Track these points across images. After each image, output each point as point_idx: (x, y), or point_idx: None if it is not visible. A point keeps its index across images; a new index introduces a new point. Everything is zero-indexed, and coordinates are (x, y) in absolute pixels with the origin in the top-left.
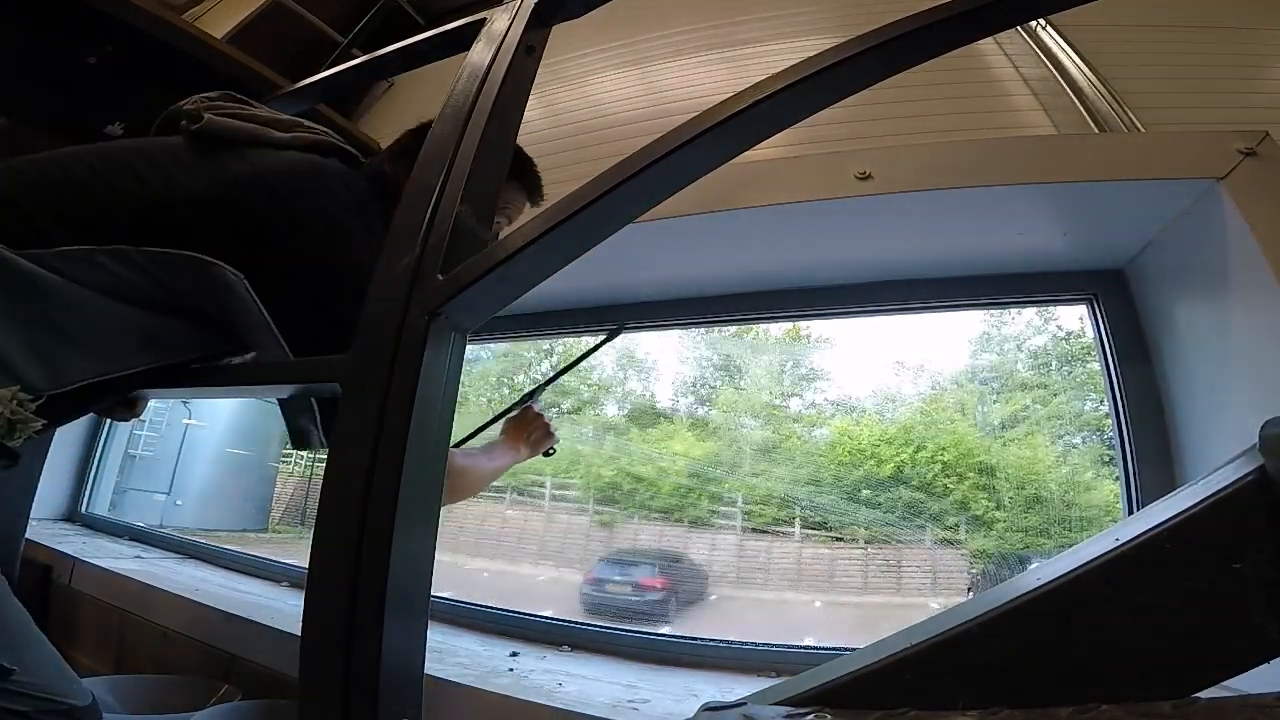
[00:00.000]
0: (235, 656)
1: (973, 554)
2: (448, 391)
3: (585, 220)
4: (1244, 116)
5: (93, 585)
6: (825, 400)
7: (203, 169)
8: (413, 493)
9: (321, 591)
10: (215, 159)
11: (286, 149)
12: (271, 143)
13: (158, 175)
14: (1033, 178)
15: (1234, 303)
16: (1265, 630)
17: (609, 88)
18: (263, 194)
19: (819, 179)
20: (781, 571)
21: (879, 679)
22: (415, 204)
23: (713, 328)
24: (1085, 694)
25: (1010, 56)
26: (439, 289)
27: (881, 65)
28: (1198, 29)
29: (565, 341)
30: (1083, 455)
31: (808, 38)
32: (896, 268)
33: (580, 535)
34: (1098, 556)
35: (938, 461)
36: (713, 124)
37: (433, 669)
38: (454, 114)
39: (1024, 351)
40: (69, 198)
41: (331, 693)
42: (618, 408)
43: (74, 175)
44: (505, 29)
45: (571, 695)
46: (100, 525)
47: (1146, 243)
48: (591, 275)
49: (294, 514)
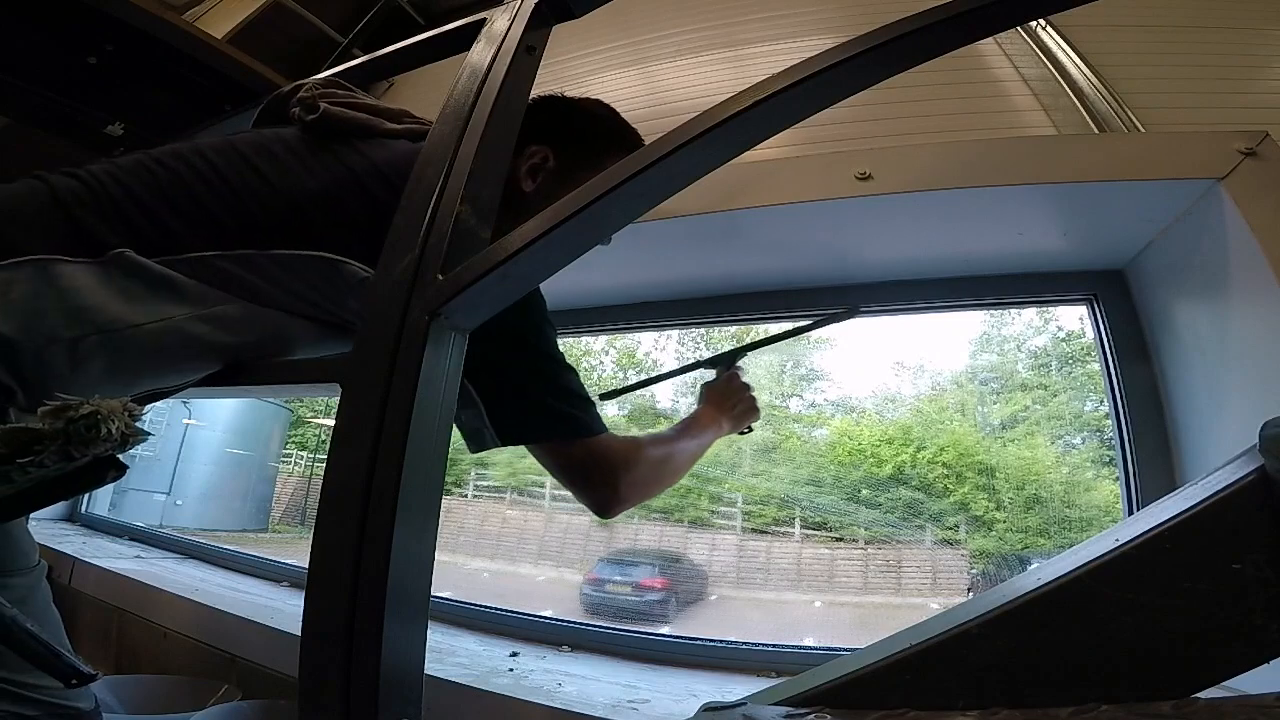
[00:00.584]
0: (235, 656)
1: (973, 554)
2: (448, 391)
3: (585, 220)
4: (1244, 116)
5: (93, 585)
6: (825, 400)
7: (319, 162)
8: (413, 492)
9: (321, 591)
10: (331, 151)
11: (397, 138)
12: (384, 133)
13: (276, 170)
14: (1033, 178)
15: (1234, 303)
16: (1265, 630)
17: (609, 88)
18: (381, 185)
19: (819, 179)
20: (781, 571)
21: (879, 679)
22: (415, 204)
23: (713, 328)
24: (1085, 694)
25: (1010, 56)
26: (439, 289)
27: (881, 65)
28: (1198, 29)
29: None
30: (1083, 455)
31: (808, 38)
32: (896, 268)
33: (580, 535)
34: (1098, 556)
35: (938, 462)
36: (713, 124)
37: (433, 669)
38: (454, 114)
39: (1024, 352)
40: (196, 198)
41: (331, 693)
42: (618, 408)
43: (200, 173)
44: (505, 29)
45: (571, 695)
46: (100, 525)
47: (1146, 243)
48: (592, 275)
49: (294, 514)
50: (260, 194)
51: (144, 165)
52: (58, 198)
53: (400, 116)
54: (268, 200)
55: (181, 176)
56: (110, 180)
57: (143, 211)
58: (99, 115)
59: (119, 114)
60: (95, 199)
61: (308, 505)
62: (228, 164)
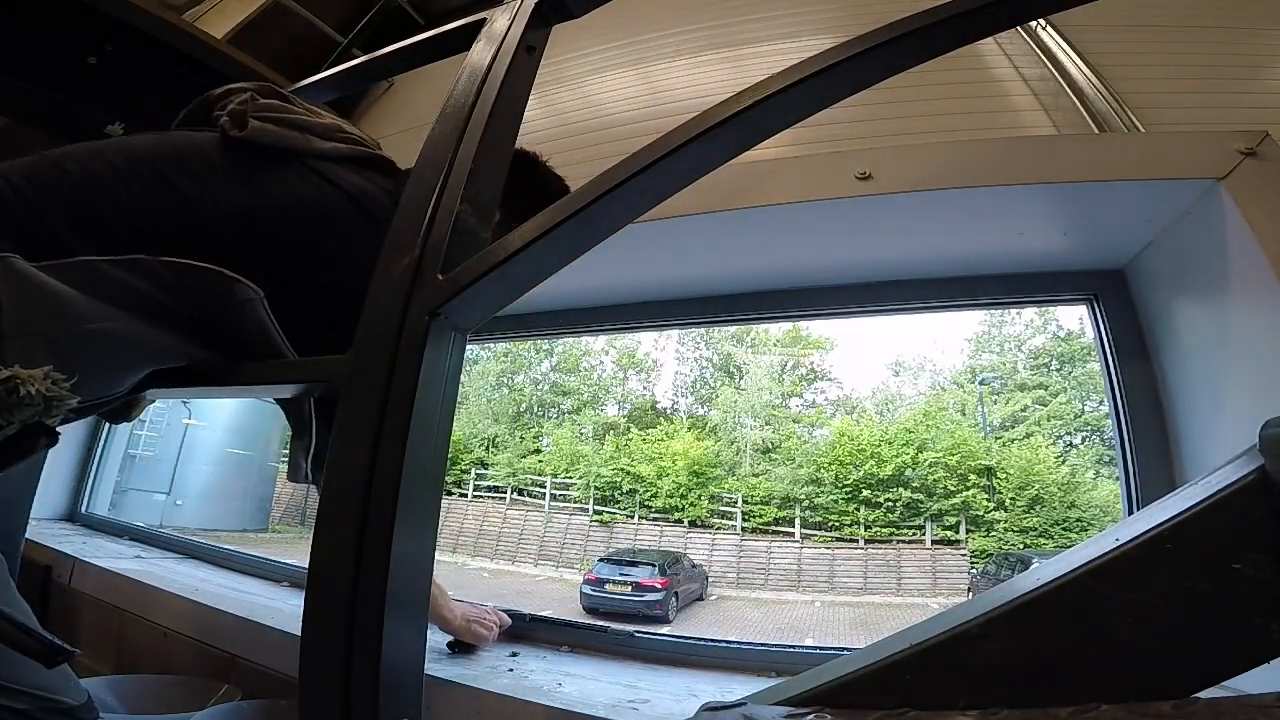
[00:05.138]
0: (235, 656)
1: (973, 554)
2: (448, 391)
3: (585, 220)
4: (1244, 116)
5: (93, 585)
6: (825, 400)
7: (240, 182)
8: (413, 493)
9: (321, 591)
10: (255, 171)
11: (325, 160)
12: (313, 153)
13: (188, 181)
14: (1033, 178)
15: (1234, 303)
16: (1265, 630)
17: (609, 88)
18: (299, 223)
19: (819, 179)
20: (782, 571)
21: (879, 679)
22: (415, 204)
23: (713, 327)
24: (1085, 694)
25: (1010, 56)
26: (439, 289)
27: (881, 65)
28: (1198, 29)
29: (565, 341)
30: (1082, 455)
31: (808, 38)
32: (896, 268)
33: (580, 535)
34: (1098, 556)
35: (939, 465)
36: (713, 124)
37: (433, 669)
38: (454, 114)
39: (1024, 352)
40: (88, 201)
41: (331, 693)
42: (618, 408)
43: (95, 175)
44: (505, 29)
45: (571, 695)
46: (100, 525)
47: (1147, 243)
48: (592, 275)
49: (294, 514)
50: (160, 203)
51: (32, 166)
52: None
53: (332, 133)
54: (169, 210)
55: (69, 176)
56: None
57: (30, 213)
58: (99, 115)
59: (119, 114)
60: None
61: (308, 505)
62: (128, 166)
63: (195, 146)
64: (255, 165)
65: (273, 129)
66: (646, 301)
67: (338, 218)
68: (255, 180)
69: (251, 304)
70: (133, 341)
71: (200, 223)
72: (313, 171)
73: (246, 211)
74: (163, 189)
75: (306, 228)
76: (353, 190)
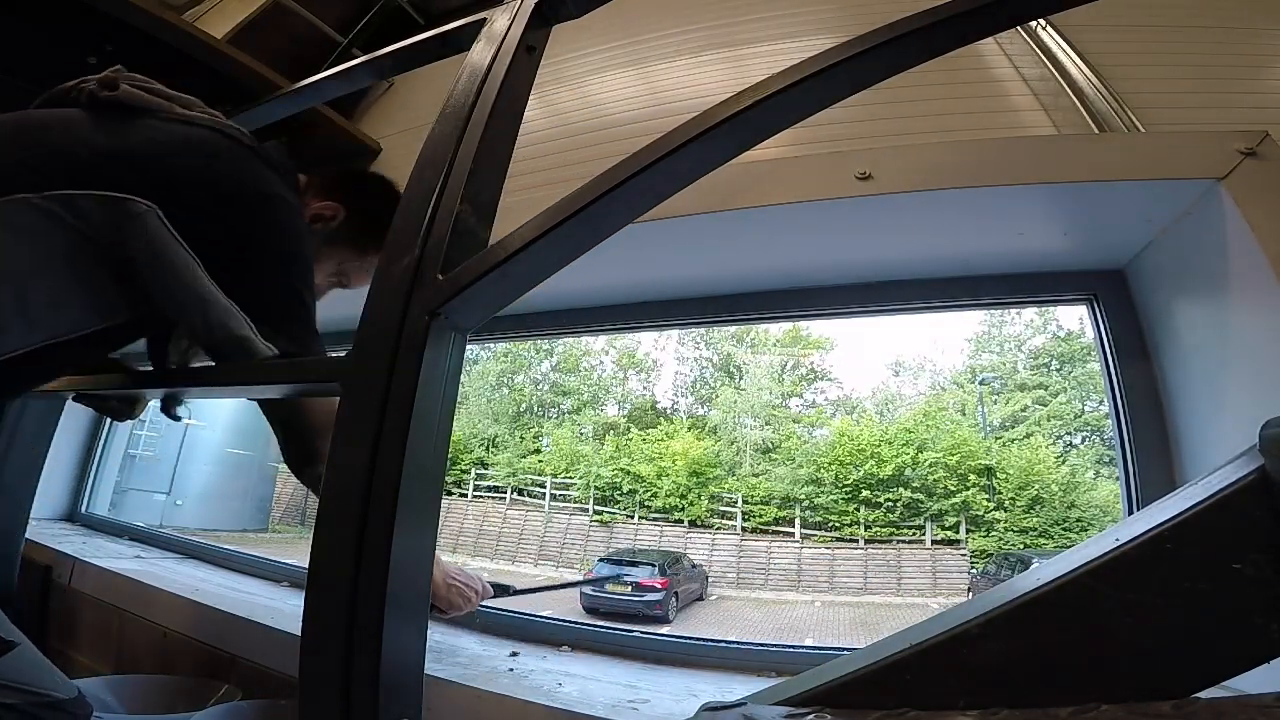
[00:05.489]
0: (235, 656)
1: (973, 554)
2: (448, 391)
3: (585, 220)
4: (1244, 116)
5: (93, 585)
6: (825, 400)
7: (107, 132)
8: (413, 492)
9: (321, 591)
10: (121, 123)
11: (190, 125)
12: (176, 118)
13: (69, 136)
14: (1033, 178)
15: (1234, 303)
16: (1265, 630)
17: (609, 88)
18: (170, 152)
19: (819, 179)
20: (782, 571)
21: (879, 679)
22: (415, 204)
23: (712, 328)
24: (1085, 694)
25: (1010, 56)
26: (439, 289)
27: (881, 65)
28: (1198, 29)
29: (565, 341)
30: (1082, 455)
31: (808, 38)
32: (896, 268)
33: (580, 535)
34: (1098, 556)
35: (939, 465)
36: (713, 124)
37: (433, 669)
38: (454, 114)
39: (1024, 352)
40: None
41: (331, 693)
42: (617, 408)
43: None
44: (505, 29)
45: (571, 695)
46: (100, 525)
47: (1146, 243)
48: (592, 275)
49: (294, 514)
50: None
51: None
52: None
53: (191, 105)
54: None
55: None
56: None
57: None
58: None
59: None
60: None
61: (308, 505)
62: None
63: (60, 112)
64: (122, 118)
65: (142, 94)
66: (646, 301)
67: (206, 143)
68: (122, 129)
69: (144, 217)
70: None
71: (75, 164)
72: (177, 120)
73: (118, 150)
74: (30, 139)
75: (178, 156)
76: (216, 125)
